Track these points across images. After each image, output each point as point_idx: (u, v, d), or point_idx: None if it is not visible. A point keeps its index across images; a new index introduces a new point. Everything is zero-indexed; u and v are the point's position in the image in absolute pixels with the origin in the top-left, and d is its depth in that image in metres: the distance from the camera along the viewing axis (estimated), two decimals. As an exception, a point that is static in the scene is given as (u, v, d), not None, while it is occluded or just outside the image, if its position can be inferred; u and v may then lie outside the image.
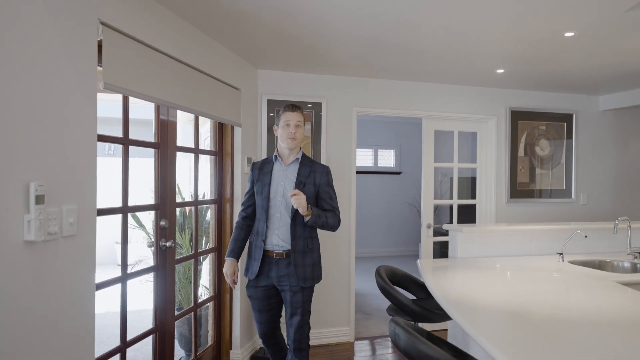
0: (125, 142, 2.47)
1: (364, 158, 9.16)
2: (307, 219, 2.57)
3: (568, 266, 2.97)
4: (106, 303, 2.13)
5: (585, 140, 4.98)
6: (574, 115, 4.92)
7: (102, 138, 2.21)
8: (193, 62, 2.85)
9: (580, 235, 3.23)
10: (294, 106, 2.73)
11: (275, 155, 2.77)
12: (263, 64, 3.86)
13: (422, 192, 4.57)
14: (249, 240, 2.84)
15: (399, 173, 9.10)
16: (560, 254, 3.12)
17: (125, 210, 2.51)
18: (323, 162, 4.16)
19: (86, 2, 1.94)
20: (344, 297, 4.24)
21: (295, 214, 2.63)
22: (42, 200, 1.69)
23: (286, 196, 2.63)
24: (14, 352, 1.61)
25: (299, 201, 2.50)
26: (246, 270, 2.76)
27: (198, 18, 2.74)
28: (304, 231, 2.66)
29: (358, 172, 8.62)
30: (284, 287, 2.67)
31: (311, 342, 4.07)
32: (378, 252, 8.90)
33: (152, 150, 2.80)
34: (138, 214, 3.97)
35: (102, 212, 2.21)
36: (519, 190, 4.76)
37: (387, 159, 9.31)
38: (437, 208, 7.33)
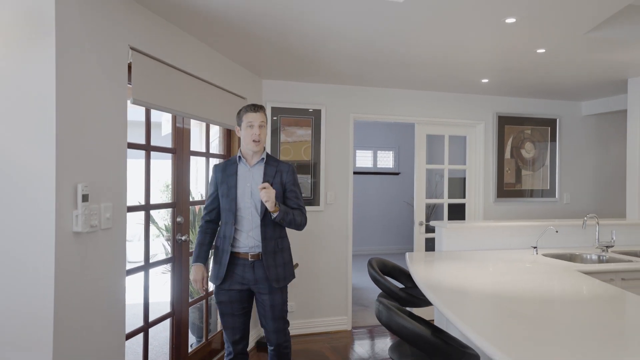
0: (148, 148, 2.84)
1: (364, 159, 9.50)
2: (274, 215, 2.50)
3: (541, 258, 3.31)
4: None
5: (568, 144, 5.32)
6: (558, 120, 5.26)
7: (129, 145, 2.56)
8: (204, 76, 3.21)
9: (556, 230, 3.57)
10: (255, 106, 2.62)
11: (239, 156, 2.67)
12: (266, 75, 4.21)
13: (415, 192, 4.92)
14: (214, 244, 2.76)
15: (397, 174, 9.44)
16: (535, 247, 3.47)
17: (147, 207, 2.87)
18: (323, 163, 4.51)
19: (119, 31, 2.30)
20: (341, 289, 4.59)
21: (265, 215, 2.57)
22: (87, 198, 2.05)
23: (254, 197, 2.57)
24: (65, 322, 1.97)
25: (269, 194, 2.44)
26: (212, 277, 2.68)
27: (210, 37, 3.09)
28: (274, 232, 2.62)
29: (358, 173, 9.00)
30: (262, 290, 2.61)
31: (311, 330, 4.46)
32: (377, 249, 9.24)
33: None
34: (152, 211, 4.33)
35: (130, 209, 2.57)
36: (506, 190, 5.10)
37: (386, 160, 9.65)
38: (434, 207, 7.72)
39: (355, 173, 9.04)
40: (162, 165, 3.52)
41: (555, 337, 1.69)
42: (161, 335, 3.98)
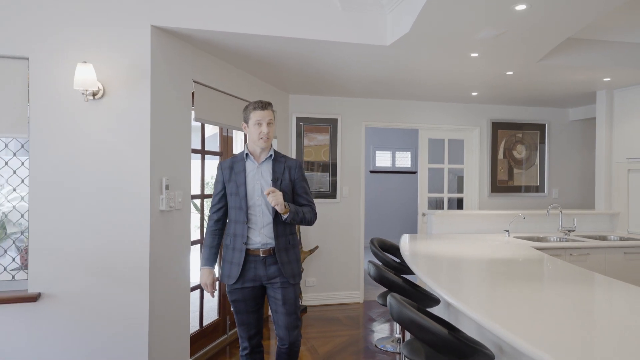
0: (203, 152, 3.81)
1: (384, 159, 10.35)
2: (284, 216, 2.50)
3: (511, 240, 4.12)
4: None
5: (556, 145, 6.05)
6: (547, 124, 6.01)
7: (192, 150, 3.53)
8: (244, 96, 4.16)
9: (523, 217, 4.37)
10: (263, 103, 2.55)
11: (247, 154, 2.62)
12: (293, 90, 5.15)
13: (418, 188, 5.78)
14: (222, 243, 2.72)
15: (414, 172, 10.25)
16: (507, 231, 4.28)
17: (202, 196, 3.85)
18: (339, 163, 5.41)
19: (186, 70, 3.28)
20: (355, 267, 5.49)
21: (276, 213, 2.54)
22: (168, 187, 3.03)
23: (264, 195, 2.52)
24: (155, 270, 2.96)
25: (277, 198, 2.43)
26: (223, 276, 2.63)
27: (249, 67, 4.04)
28: (285, 229, 2.60)
29: (378, 172, 9.88)
30: (275, 285, 2.57)
31: (325, 302, 5.38)
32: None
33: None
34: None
35: (192, 197, 3.54)
36: (499, 186, 5.88)
37: (404, 160, 10.48)
38: (448, 201, 8.50)
39: (375, 172, 9.95)
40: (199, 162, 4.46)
41: (489, 280, 2.55)
42: (211, 304, 4.96)
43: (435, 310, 3.20)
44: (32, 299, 2.67)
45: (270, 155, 2.63)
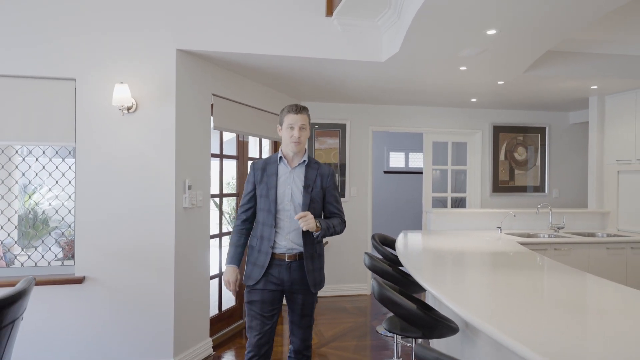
0: (221, 156, 4.29)
1: (397, 160, 10.71)
2: (316, 234, 2.52)
3: (502, 236, 4.47)
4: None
5: (557, 147, 6.34)
6: (547, 127, 6.30)
7: (211, 155, 4.00)
8: (259, 105, 4.63)
9: (523, 215, 4.71)
10: (297, 107, 2.57)
11: (280, 157, 2.61)
12: (304, 98, 5.60)
13: (423, 188, 6.16)
14: (248, 244, 2.68)
15: (427, 173, 10.58)
16: (499, 227, 4.63)
17: (221, 195, 4.33)
18: (348, 165, 5.84)
19: (206, 85, 3.76)
20: (362, 262, 5.90)
21: None
22: (190, 187, 3.51)
23: (294, 200, 2.54)
24: (179, 259, 3.44)
25: (308, 224, 2.44)
26: (245, 276, 2.60)
27: (264, 80, 4.50)
28: (312, 236, 2.58)
29: (392, 172, 10.26)
30: (296, 291, 2.59)
31: (335, 293, 5.81)
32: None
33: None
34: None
35: (212, 196, 4.01)
36: (500, 186, 6.21)
37: (417, 160, 10.81)
38: (459, 200, 8.84)
39: (388, 172, 10.33)
40: (235, 168, 4.97)
41: (454, 264, 2.94)
42: (229, 292, 5.46)
43: (423, 297, 3.60)
44: (78, 281, 3.19)
45: (304, 160, 2.62)
